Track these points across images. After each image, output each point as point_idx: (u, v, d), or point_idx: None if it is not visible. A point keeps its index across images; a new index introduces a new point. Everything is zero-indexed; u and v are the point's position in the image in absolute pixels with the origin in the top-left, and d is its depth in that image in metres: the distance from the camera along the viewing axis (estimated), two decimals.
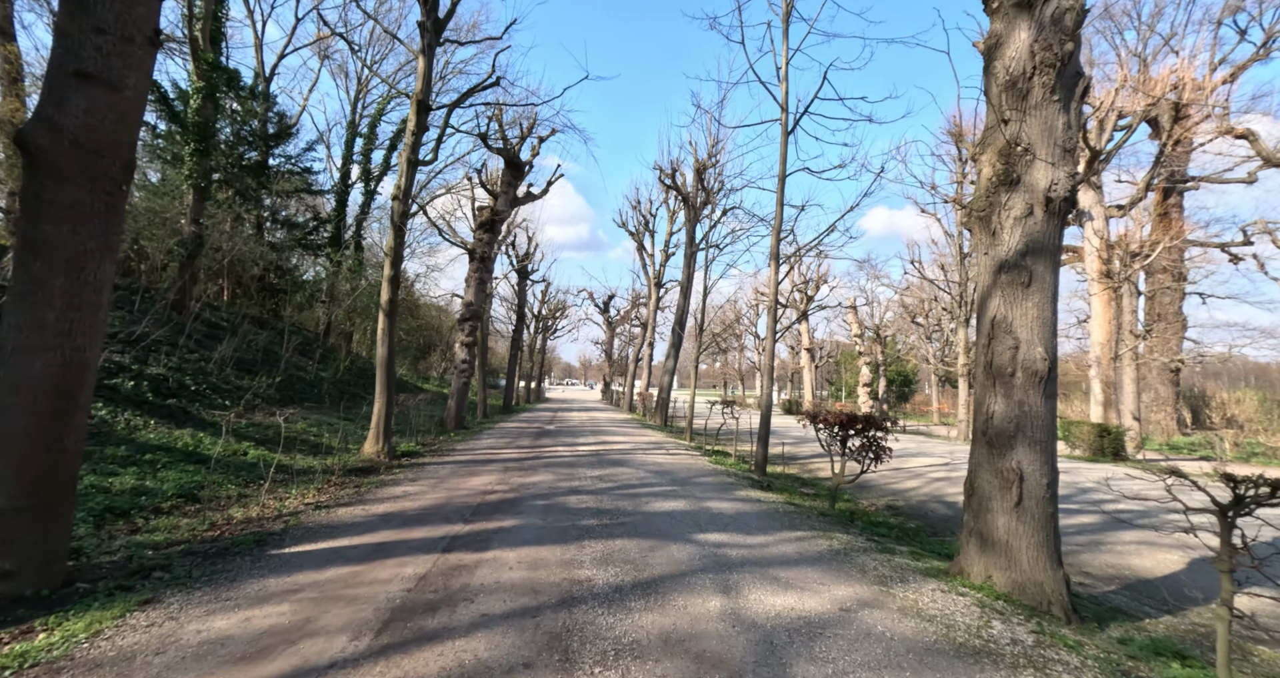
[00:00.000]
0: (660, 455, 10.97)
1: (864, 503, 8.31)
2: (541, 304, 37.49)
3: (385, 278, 9.19)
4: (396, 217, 9.11)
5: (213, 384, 9.79)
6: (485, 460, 9.35)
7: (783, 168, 10.45)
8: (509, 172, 16.33)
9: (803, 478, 10.15)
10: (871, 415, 6.48)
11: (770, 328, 10.30)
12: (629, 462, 9.80)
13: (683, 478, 8.36)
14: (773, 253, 10.41)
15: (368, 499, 6.03)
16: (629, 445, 12.56)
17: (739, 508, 6.31)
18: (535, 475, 7.94)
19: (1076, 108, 3.77)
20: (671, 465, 9.67)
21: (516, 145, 16.14)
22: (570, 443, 12.46)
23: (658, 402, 21.67)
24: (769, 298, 10.25)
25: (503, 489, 6.83)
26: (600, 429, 16.74)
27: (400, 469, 8.20)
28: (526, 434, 14.34)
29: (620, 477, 8.13)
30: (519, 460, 9.44)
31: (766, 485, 8.33)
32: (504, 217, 16.18)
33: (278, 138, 22.03)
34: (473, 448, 11.01)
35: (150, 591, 3.27)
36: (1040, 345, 3.74)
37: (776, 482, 8.89)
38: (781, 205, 10.44)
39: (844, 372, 49.53)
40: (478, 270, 15.73)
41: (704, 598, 3.49)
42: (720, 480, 8.34)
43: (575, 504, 6.10)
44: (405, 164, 9.13)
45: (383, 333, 9.16)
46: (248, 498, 5.87)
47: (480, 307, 15.86)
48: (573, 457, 10.14)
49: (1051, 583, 3.55)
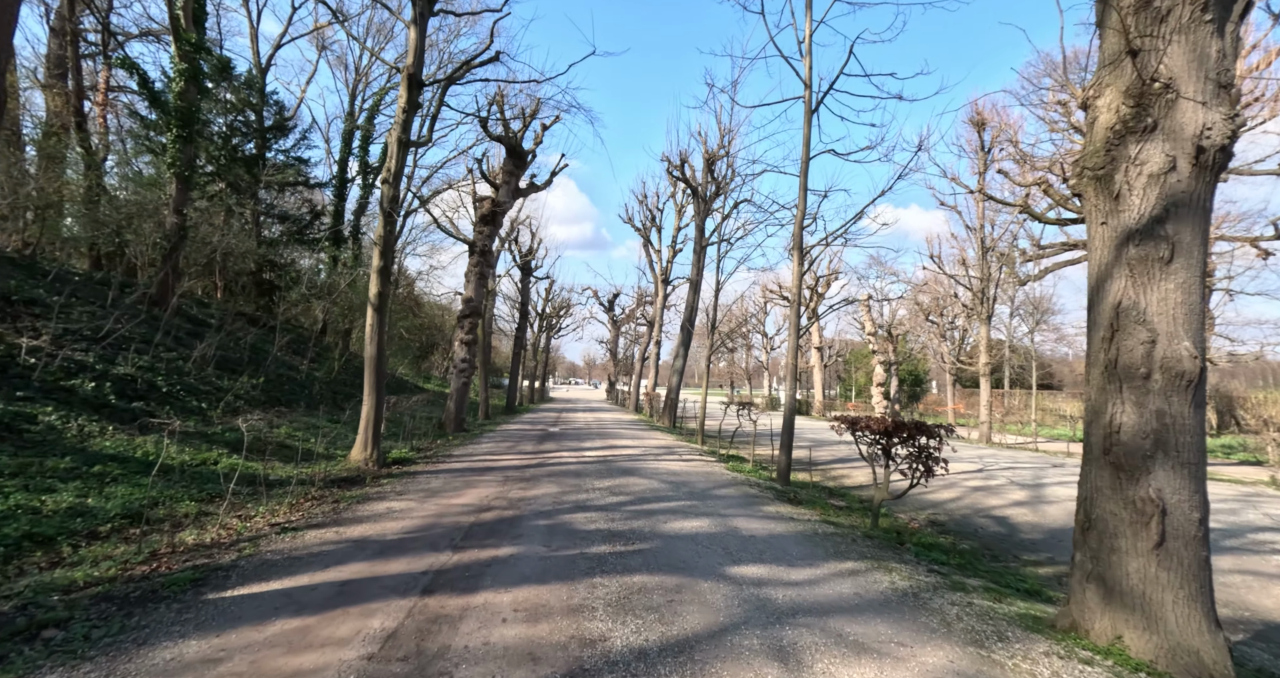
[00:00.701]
0: (673, 462, 10.15)
1: (902, 516, 7.47)
2: (545, 302, 36.72)
3: (374, 269, 8.40)
4: (386, 202, 8.32)
5: (188, 385, 9.03)
6: (483, 469, 8.55)
7: (806, 150, 9.61)
8: (510, 161, 15.52)
9: (829, 487, 9.31)
10: (922, 422, 5.65)
11: (794, 323, 9.46)
12: (640, 470, 8.98)
13: (701, 489, 7.53)
14: (795, 242, 9.58)
15: (344, 518, 5.23)
16: (638, 450, 11.74)
17: (771, 528, 5.49)
18: (538, 487, 7.14)
19: (1234, 30, 2.92)
20: (686, 474, 8.85)
21: (519, 133, 15.33)
22: (576, 448, 11.66)
23: (666, 402, 20.84)
24: (792, 291, 9.42)
25: (500, 505, 6.03)
26: (607, 432, 15.94)
27: (388, 480, 7.41)
28: (529, 438, 13.55)
29: (632, 488, 7.32)
30: (520, 469, 8.64)
31: (793, 498, 7.50)
32: (505, 208, 15.38)
33: (273, 130, 21.33)
34: (471, 454, 10.22)
35: (22, 667, 2.47)
36: (1186, 338, 2.89)
37: (802, 493, 8.06)
38: (805, 191, 9.60)
39: (853, 371, 48.57)
40: (478, 265, 14.93)
41: (757, 670, 2.66)
42: (742, 492, 7.51)
43: (583, 525, 5.28)
44: (395, 144, 8.34)
45: (372, 329, 8.37)
46: (207, 518, 5.08)
47: (480, 303, 15.08)
48: (579, 464, 9.34)
49: (1211, 651, 2.71)
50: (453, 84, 8.95)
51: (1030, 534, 6.62)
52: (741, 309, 50.12)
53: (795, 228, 9.61)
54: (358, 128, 22.51)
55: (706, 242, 21.06)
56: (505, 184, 15.57)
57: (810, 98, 9.56)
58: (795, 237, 9.58)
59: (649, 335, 31.46)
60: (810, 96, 9.56)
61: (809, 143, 9.62)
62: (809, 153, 9.64)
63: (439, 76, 7.98)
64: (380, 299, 8.39)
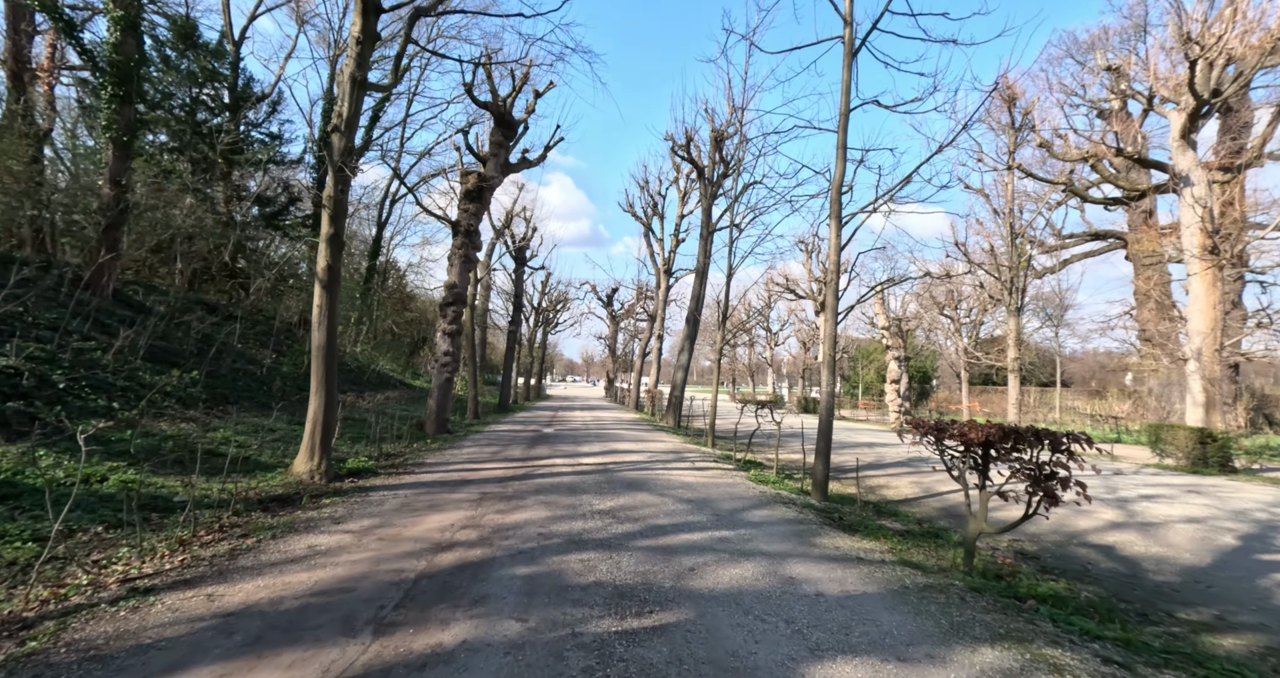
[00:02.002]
0: (686, 471, 8.62)
1: (981, 545, 5.94)
2: (542, 295, 35.13)
3: (323, 237, 6.83)
4: (337, 154, 6.74)
5: (100, 381, 7.44)
6: (458, 481, 6.99)
7: (845, 100, 8.06)
8: (499, 131, 13.93)
9: (873, 502, 7.78)
10: (1046, 430, 4.12)
11: (831, 307, 7.92)
12: (648, 483, 7.43)
13: (728, 511, 5.99)
14: (833, 209, 8.03)
15: (238, 568, 3.68)
16: (643, 456, 10.20)
17: (841, 579, 3.95)
18: (521, 510, 5.59)
19: None
20: (705, 488, 7.31)
21: (508, 99, 13.73)
22: (571, 453, 10.11)
23: (670, 400, 19.31)
24: (829, 265, 7.87)
25: (467, 540, 4.48)
26: (607, 433, 14.40)
27: (333, 498, 5.86)
28: (519, 440, 12.00)
29: (641, 511, 5.77)
30: (503, 481, 7.09)
31: (842, 521, 5.97)
32: (493, 184, 13.79)
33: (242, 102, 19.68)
34: (447, 462, 8.66)
35: None
36: None
37: (848, 512, 6.53)
38: (844, 149, 8.05)
39: (860, 368, 47.10)
40: (462, 246, 13.35)
41: None
42: (780, 515, 5.97)
43: (578, 575, 3.74)
44: (349, 83, 6.76)
45: (320, 311, 6.80)
46: (47, 566, 3.52)
47: (465, 289, 13.50)
48: (574, 474, 7.79)
49: None
50: (423, 15, 7.36)
51: (1161, 574, 5.10)
52: (745, 304, 48.62)
53: (833, 192, 8.06)
54: None
55: (714, 227, 19.52)
56: (493, 157, 13.97)
57: (850, 37, 8.01)
58: (833, 202, 8.03)
59: (650, 330, 29.94)
60: (850, 35, 8.01)
61: (848, 92, 8.07)
62: (848, 103, 8.09)
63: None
64: (329, 274, 6.82)
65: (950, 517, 7.46)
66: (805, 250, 36.71)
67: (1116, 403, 32.77)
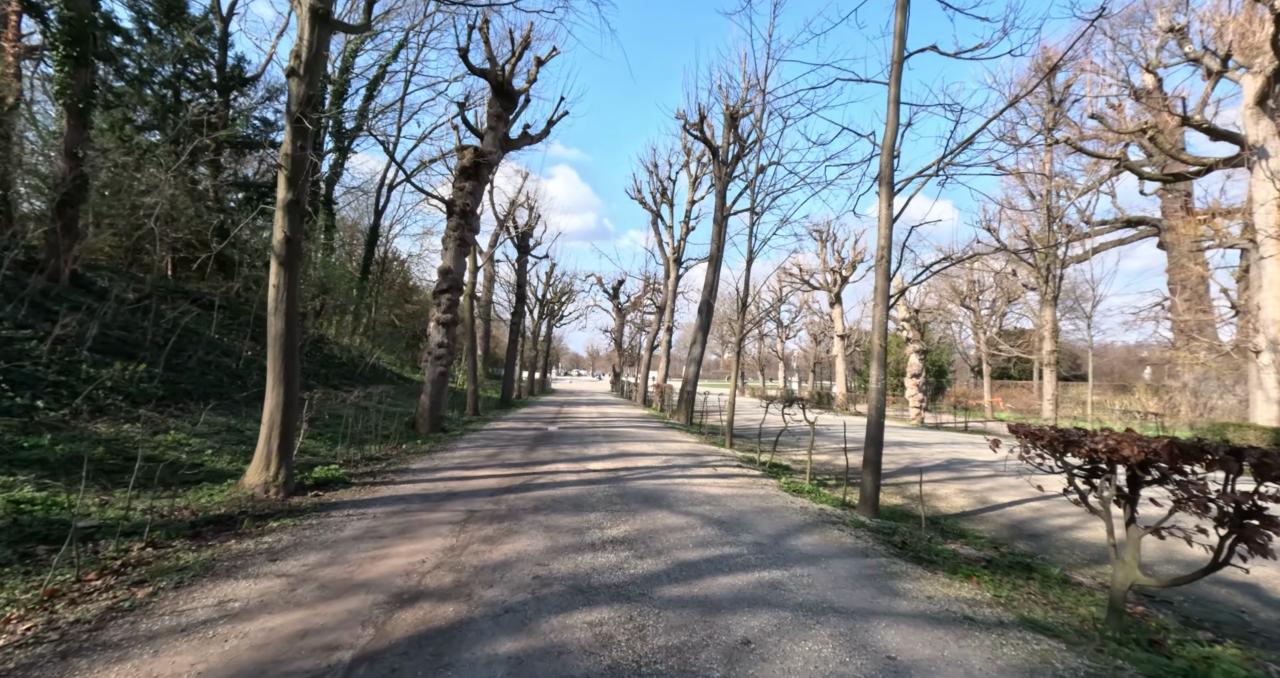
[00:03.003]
0: (709, 480, 7.47)
1: (1081, 578, 4.76)
2: (546, 287, 33.96)
3: (280, 204, 5.69)
4: (295, 103, 5.59)
5: (27, 375, 6.37)
6: (444, 495, 5.88)
7: (899, 47, 6.83)
8: (498, 102, 12.73)
9: (933, 518, 6.60)
10: (1236, 447, 2.95)
11: (881, 289, 6.72)
12: (669, 496, 6.29)
13: (771, 536, 4.85)
14: (883, 174, 6.81)
15: (102, 642, 2.57)
16: (658, 459, 9.07)
17: (962, 662, 2.80)
18: (514, 538, 4.46)
19: None
20: (735, 501, 6.17)
21: (507, 66, 12.52)
22: (577, 457, 8.99)
23: (682, 396, 18.17)
24: (880, 240, 6.67)
25: (439, 588, 3.36)
26: (615, 431, 13.27)
27: (284, 519, 4.75)
28: (520, 440, 10.89)
29: (665, 539, 4.63)
30: (497, 494, 5.97)
31: (904, 546, 4.81)
32: (492, 160, 12.61)
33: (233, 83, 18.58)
34: (435, 468, 7.56)
35: None
36: None
37: (904, 530, 5.38)
38: (897, 104, 6.84)
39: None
40: (457, 228, 12.21)
41: None
42: (835, 543, 4.81)
43: (588, 655, 2.60)
44: (307, 16, 5.58)
45: (278, 293, 5.68)
46: None
47: (461, 275, 12.37)
48: (580, 485, 6.66)
49: None
50: None
51: None
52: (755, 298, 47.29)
53: (883, 155, 6.85)
54: (329, 82, 19.67)
55: (729, 211, 18.28)
56: (491, 131, 12.78)
57: None
58: (883, 166, 6.81)
59: (658, 322, 28.75)
60: None
61: (902, 37, 6.84)
62: (902, 50, 6.85)
63: None
64: (288, 248, 5.68)
65: (1023, 536, 6.28)
66: (821, 240, 35.36)
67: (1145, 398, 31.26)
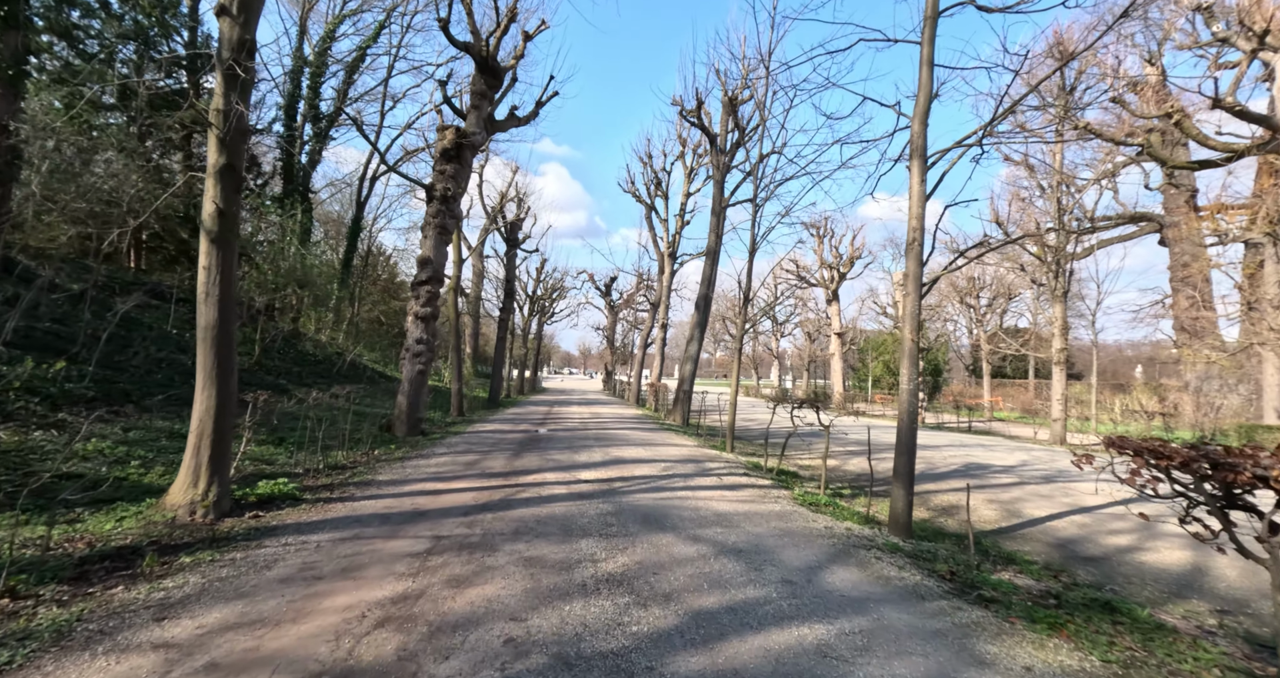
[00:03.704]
0: (715, 492, 6.62)
1: (1171, 619, 3.97)
2: (537, 283, 32.97)
3: (210, 169, 4.76)
4: (227, 48, 4.66)
5: None
6: (408, 515, 4.99)
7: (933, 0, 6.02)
8: (481, 79, 11.79)
9: (959, 534, 5.81)
10: None
11: (914, 276, 5.90)
12: (672, 515, 5.43)
13: (800, 571, 4.00)
14: (915, 146, 6.00)
15: None
16: (656, 467, 8.21)
17: None
18: (486, 579, 3.58)
19: None
20: (749, 521, 5.32)
21: (492, 41, 11.58)
22: (567, 464, 8.11)
23: (677, 395, 17.33)
24: (912, 220, 5.85)
25: (375, 662, 2.46)
26: (608, 434, 12.40)
27: (201, 554, 3.84)
28: (505, 445, 9.98)
29: (672, 578, 3.76)
30: (471, 514, 5.09)
31: (953, 577, 4.00)
32: (475, 142, 11.67)
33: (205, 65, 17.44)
34: (405, 480, 6.65)
35: None
36: None
37: (943, 553, 4.57)
38: (930, 65, 6.04)
39: (869, 360, 45.15)
40: (438, 215, 11.26)
41: None
42: (878, 578, 3.98)
43: None
44: None
45: (209, 276, 4.75)
46: None
47: (441, 264, 11.42)
48: (570, 500, 5.79)
49: None
50: None
51: None
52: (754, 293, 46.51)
53: (914, 123, 6.03)
54: (306, 64, 18.60)
55: (727, 202, 17.45)
56: (475, 110, 11.84)
57: None
58: (915, 137, 6.00)
59: (652, 319, 27.88)
60: None
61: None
62: (937, 4, 6.05)
63: None
64: (220, 222, 4.75)
65: (1078, 560, 5.50)
66: (818, 235, 34.63)
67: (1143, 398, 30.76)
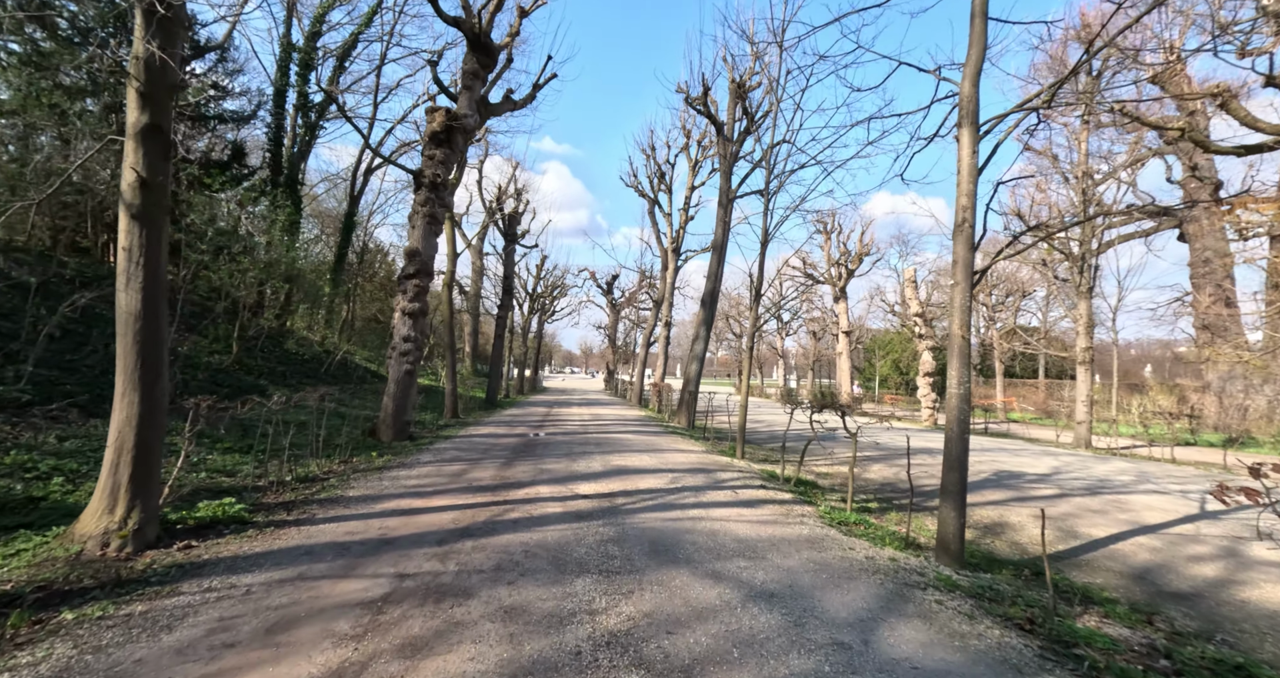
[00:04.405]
0: (731, 510, 5.80)
1: None
2: (537, 280, 32.18)
3: (130, 129, 3.96)
4: None
5: None
6: (372, 545, 4.18)
7: None
8: (474, 57, 10.97)
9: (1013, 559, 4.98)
10: None
11: (964, 263, 5.06)
12: (684, 541, 4.61)
13: (851, 624, 3.18)
14: (965, 111, 5.18)
15: None
16: (663, 478, 7.39)
17: None
18: (451, 642, 2.75)
19: None
20: (775, 549, 4.49)
21: (484, 15, 10.76)
22: (564, 476, 7.30)
23: (682, 397, 16.51)
24: (962, 197, 5.02)
25: None
26: (609, 438, 11.58)
27: (91, 605, 3.04)
28: (497, 452, 9.17)
29: (693, 637, 2.93)
30: (448, 544, 4.28)
31: (1033, 626, 3.17)
32: (467, 125, 10.85)
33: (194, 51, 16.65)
34: (378, 496, 5.84)
35: None
36: None
37: (1020, 596, 3.75)
38: (984, 17, 5.21)
39: (875, 359, 44.26)
40: (427, 203, 10.45)
41: None
42: (951, 635, 3.14)
43: None
44: None
45: (129, 257, 3.95)
46: None
47: (431, 257, 10.62)
48: (565, 524, 4.97)
49: None
50: None
51: None
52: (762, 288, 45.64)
53: (964, 85, 5.21)
54: (295, 50, 17.79)
55: (734, 194, 16.61)
56: (467, 90, 11.02)
57: None
58: (965, 100, 5.17)
59: (654, 317, 27.05)
60: None
61: None
62: None
63: None
64: (144, 194, 3.94)
65: (1165, 596, 4.66)
66: (825, 231, 33.74)
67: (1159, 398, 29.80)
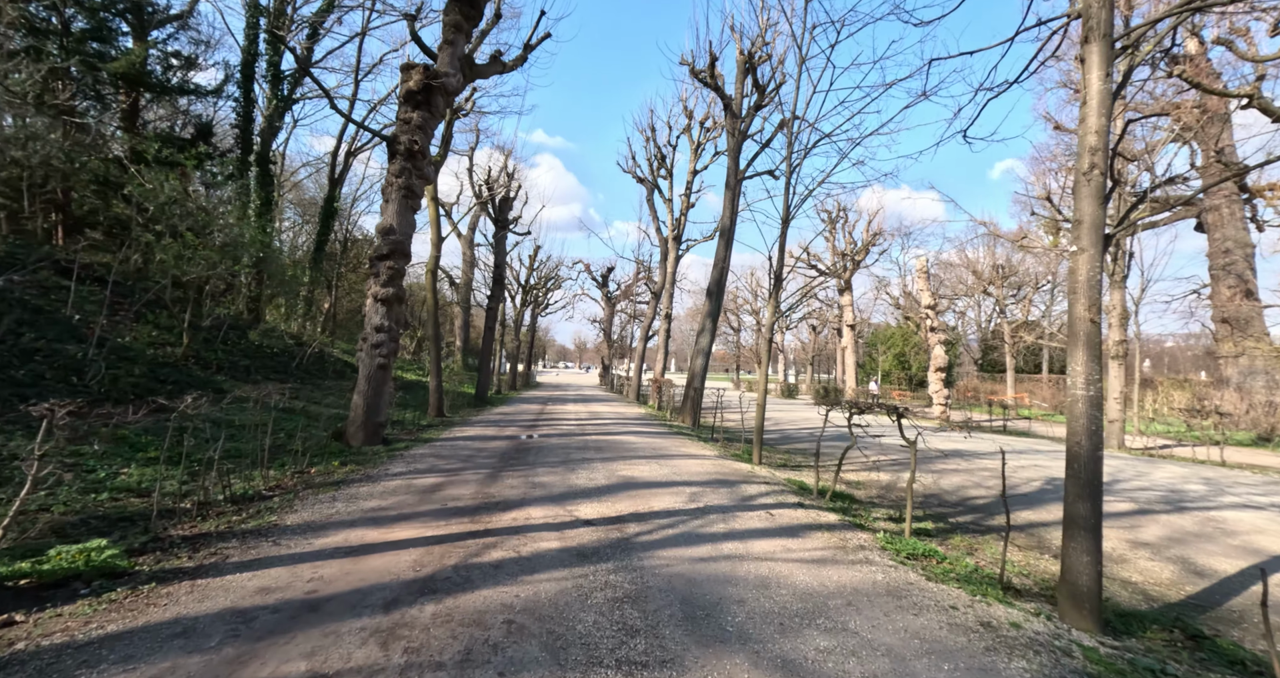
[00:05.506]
0: (773, 541, 4.58)
1: None
2: (530, 271, 30.78)
3: None
4: None
5: None
6: (283, 618, 2.93)
7: None
8: (456, 9, 9.62)
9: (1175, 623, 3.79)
10: None
11: (1092, 222, 3.85)
12: (729, 598, 3.39)
13: None
14: (1093, 23, 3.94)
15: None
16: (680, 495, 6.18)
17: None
18: None
19: None
20: (849, 609, 3.28)
21: None
22: (560, 493, 6.06)
23: (686, 394, 15.32)
24: (1088, 142, 3.81)
25: None
26: (610, 441, 10.34)
27: None
28: (481, 460, 7.92)
29: None
30: (395, 612, 3.03)
31: None
32: (449, 86, 9.50)
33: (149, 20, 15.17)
34: (321, 526, 4.58)
35: None
36: None
37: None
38: None
39: (877, 354, 43.24)
40: (401, 173, 9.13)
41: None
42: None
43: None
44: None
45: None
46: None
47: (407, 236, 9.30)
48: (564, 569, 3.74)
49: None
50: None
51: None
52: (753, 283, 44.60)
53: None
54: (263, 13, 16.26)
55: (743, 175, 15.36)
56: (449, 46, 9.67)
57: None
58: (1093, 10, 3.95)
59: (653, 310, 25.78)
60: None
61: None
62: None
63: None
64: None
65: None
66: (829, 221, 32.54)
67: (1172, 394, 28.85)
